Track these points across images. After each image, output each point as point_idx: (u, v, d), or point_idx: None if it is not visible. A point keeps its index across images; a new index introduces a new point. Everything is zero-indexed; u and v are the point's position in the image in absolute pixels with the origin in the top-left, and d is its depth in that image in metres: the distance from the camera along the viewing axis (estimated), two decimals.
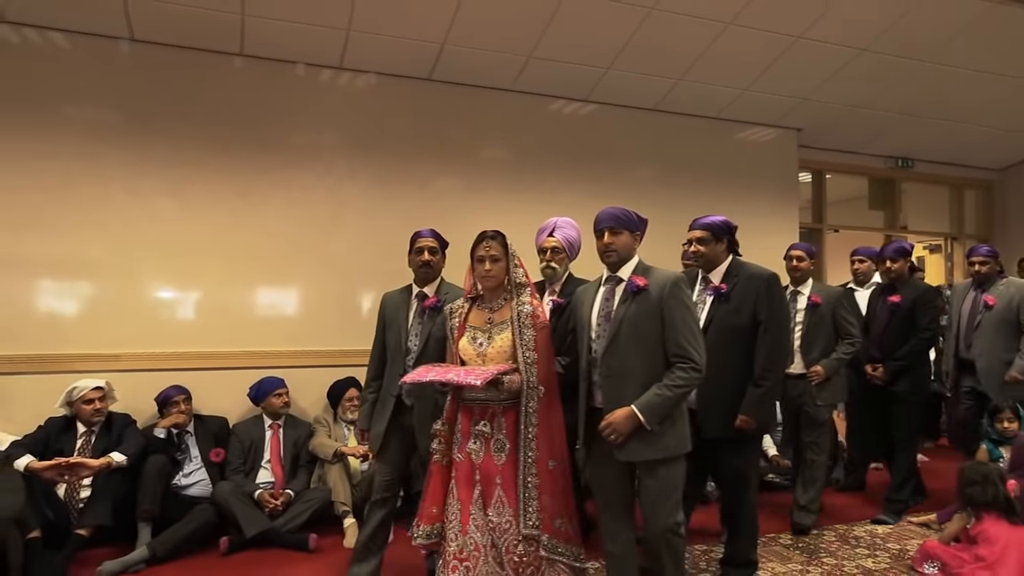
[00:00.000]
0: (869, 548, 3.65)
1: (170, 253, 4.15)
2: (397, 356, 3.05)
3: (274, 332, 4.35)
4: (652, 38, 4.54)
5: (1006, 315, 4.25)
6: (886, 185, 6.90)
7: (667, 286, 2.52)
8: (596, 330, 2.62)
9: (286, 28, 4.10)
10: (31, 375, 3.82)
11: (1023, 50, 5.07)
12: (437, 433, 2.64)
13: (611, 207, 2.67)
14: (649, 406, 2.42)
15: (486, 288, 2.69)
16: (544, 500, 2.50)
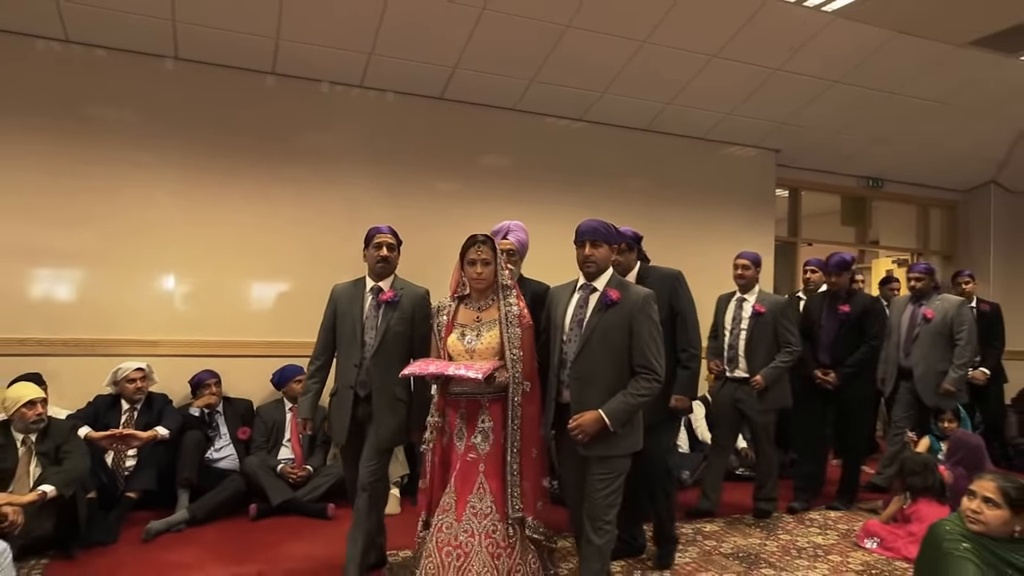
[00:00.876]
0: (821, 528, 4.15)
1: (204, 251, 4.59)
2: (352, 348, 3.08)
3: (295, 324, 4.76)
4: (644, 67, 5.02)
5: (941, 329, 4.69)
6: (858, 203, 7.42)
7: (638, 302, 2.74)
8: (568, 334, 2.81)
9: (315, 51, 4.55)
10: (80, 357, 4.26)
11: (980, 85, 5.59)
12: (433, 425, 2.82)
13: (593, 220, 2.86)
14: (615, 412, 2.66)
15: (475, 289, 2.84)
16: (526, 485, 2.73)
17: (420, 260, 3.91)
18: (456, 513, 2.68)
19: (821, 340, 4.50)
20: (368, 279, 3.19)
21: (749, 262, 4.29)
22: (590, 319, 2.76)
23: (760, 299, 4.28)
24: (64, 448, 3.36)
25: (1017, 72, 5.41)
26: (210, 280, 4.63)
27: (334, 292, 3.25)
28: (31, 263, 4.26)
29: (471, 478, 2.72)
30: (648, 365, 2.70)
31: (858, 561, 3.60)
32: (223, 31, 4.30)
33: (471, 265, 2.80)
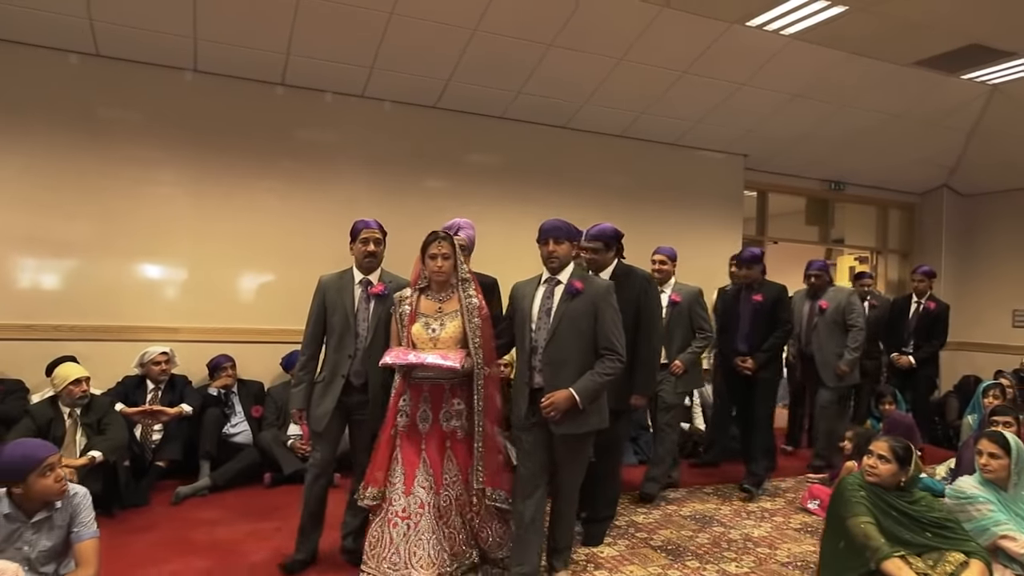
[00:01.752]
0: (771, 496, 4.69)
1: (220, 246, 5.04)
2: (346, 339, 3.16)
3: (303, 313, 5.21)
4: (621, 81, 5.50)
5: (835, 317, 5.15)
6: (821, 204, 7.97)
7: (600, 291, 3.01)
8: (537, 323, 3.02)
9: (321, 64, 4.99)
10: (108, 342, 4.69)
11: (926, 100, 6.13)
12: (402, 409, 2.95)
13: (555, 219, 3.08)
14: (585, 390, 2.89)
15: (436, 281, 3.00)
16: (489, 460, 2.96)
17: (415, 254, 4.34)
18: (434, 488, 2.90)
19: (738, 329, 4.74)
20: (356, 272, 3.27)
21: (666, 257, 4.66)
22: (557, 308, 2.99)
23: (676, 290, 4.59)
24: (105, 420, 3.83)
25: (958, 89, 5.97)
26: (225, 273, 5.09)
27: (321, 283, 3.30)
28: (64, 257, 4.70)
29: (439, 454, 2.94)
30: (611, 347, 2.98)
31: (798, 521, 4.15)
32: (240, 47, 4.74)
33: (432, 259, 2.97)
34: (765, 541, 3.78)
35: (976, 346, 7.77)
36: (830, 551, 2.81)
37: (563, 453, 3.03)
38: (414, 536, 2.84)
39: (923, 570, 2.52)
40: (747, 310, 4.73)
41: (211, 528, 3.70)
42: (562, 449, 3.02)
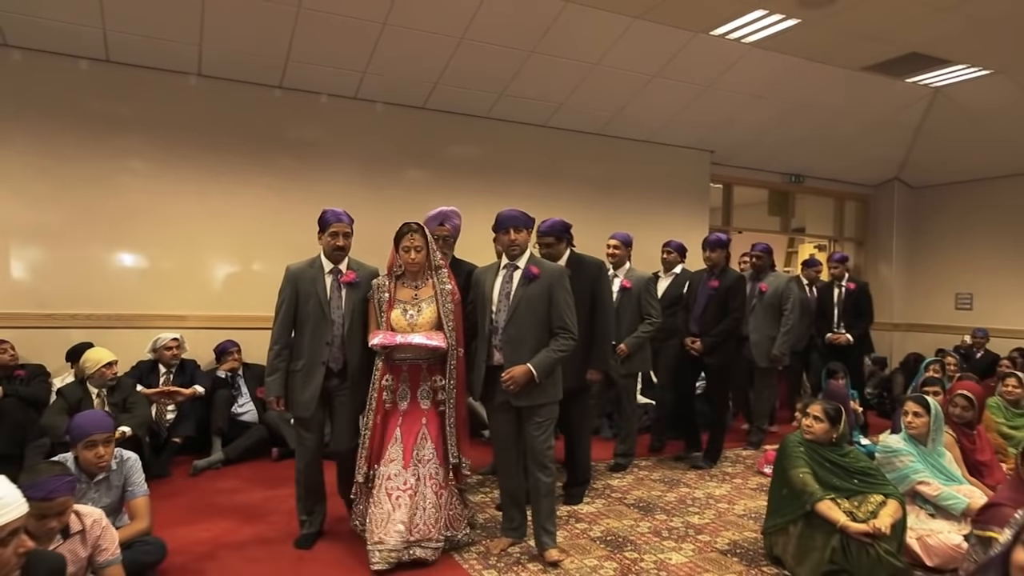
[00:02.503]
0: (732, 463, 5.20)
1: (224, 239, 5.40)
2: (321, 326, 3.25)
3: None
4: (597, 84, 5.95)
5: (772, 301, 5.40)
6: (782, 196, 8.52)
7: (555, 275, 3.22)
8: (497, 305, 3.22)
9: (318, 69, 5.35)
10: (120, 329, 5.04)
11: (875, 101, 6.67)
12: (387, 388, 3.13)
13: (513, 209, 3.29)
14: (541, 365, 3.10)
15: (410, 271, 3.19)
16: (460, 434, 3.21)
17: None
18: (403, 462, 3.09)
19: (693, 311, 4.91)
20: (325, 261, 3.36)
21: (619, 242, 4.84)
22: (516, 292, 3.20)
23: (627, 275, 4.74)
24: (130, 400, 4.20)
25: (904, 91, 6.51)
26: (229, 264, 5.45)
27: (291, 273, 3.36)
28: (79, 251, 5.02)
29: (415, 430, 3.14)
30: (565, 326, 3.20)
31: (755, 483, 4.66)
32: (242, 53, 5.08)
33: (405, 252, 3.14)
34: (725, 498, 4.29)
35: (923, 327, 8.41)
36: (775, 497, 3.31)
37: (530, 426, 3.20)
38: (415, 506, 3.05)
39: (849, 509, 3.03)
40: (703, 294, 4.88)
41: (231, 495, 4.10)
42: (529, 423, 3.20)
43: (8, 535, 1.70)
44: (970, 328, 7.54)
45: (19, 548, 1.73)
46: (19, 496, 1.75)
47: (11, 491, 1.74)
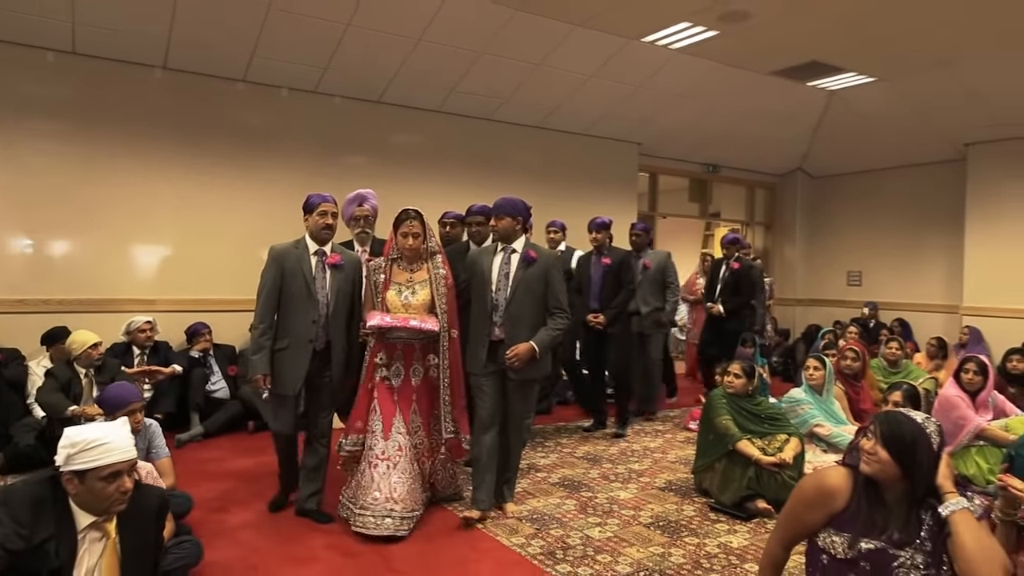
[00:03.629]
0: (662, 421, 5.94)
1: (192, 225, 5.63)
2: (307, 306, 3.31)
3: None
4: (538, 83, 6.48)
5: (656, 275, 5.79)
6: (701, 184, 9.35)
7: (550, 260, 3.52)
8: (496, 284, 3.44)
9: (281, 64, 5.64)
10: (92, 313, 5.21)
11: (782, 100, 7.51)
12: (380, 365, 3.33)
13: (503, 197, 3.52)
14: (542, 342, 3.39)
15: (407, 255, 3.35)
16: (456, 411, 3.45)
17: None
18: (384, 433, 3.27)
19: (591, 290, 5.21)
20: (310, 243, 3.41)
21: (558, 228, 5.62)
22: (515, 273, 3.44)
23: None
24: (117, 379, 4.44)
25: (805, 93, 7.39)
26: (197, 249, 5.69)
27: (275, 253, 3.38)
28: (51, 237, 5.17)
29: (405, 405, 3.34)
30: (560, 306, 3.47)
31: (683, 437, 5.39)
32: (209, 49, 5.31)
33: (404, 237, 3.30)
34: (659, 449, 4.99)
35: (821, 301, 9.49)
36: (703, 442, 4.00)
37: (518, 396, 3.50)
38: (395, 475, 3.21)
39: (761, 447, 3.75)
40: (597, 272, 5.23)
41: (219, 463, 4.46)
42: (517, 393, 3.49)
43: (111, 475, 1.95)
44: (860, 302, 8.62)
45: (121, 488, 1.98)
46: (128, 443, 2.03)
47: (120, 437, 2.02)
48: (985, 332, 7.20)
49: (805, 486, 2.15)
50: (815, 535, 2.06)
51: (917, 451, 1.91)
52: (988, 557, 1.81)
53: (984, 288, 7.57)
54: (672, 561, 3.03)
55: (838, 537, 1.99)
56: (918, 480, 1.93)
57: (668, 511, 3.67)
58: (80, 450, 1.93)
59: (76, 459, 1.93)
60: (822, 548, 2.03)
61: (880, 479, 1.96)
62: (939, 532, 1.90)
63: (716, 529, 3.43)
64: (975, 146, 7.71)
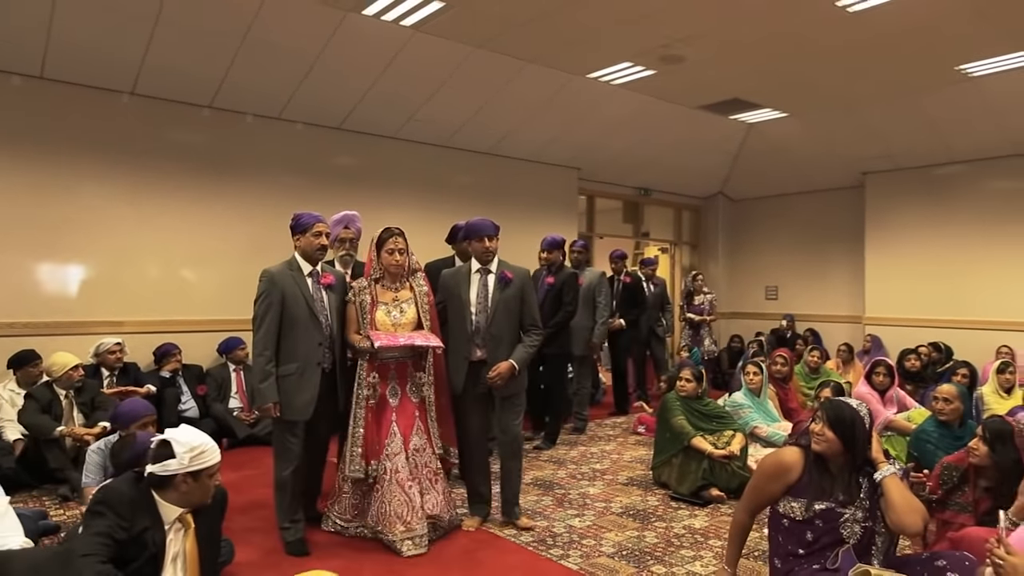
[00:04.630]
0: (612, 427, 6.44)
1: (157, 249, 5.72)
2: (311, 328, 3.27)
3: (233, 304, 6.05)
4: (492, 113, 6.94)
5: (587, 294, 5.86)
6: (633, 206, 10.04)
7: (524, 278, 3.59)
8: (476, 307, 3.51)
9: (249, 91, 5.83)
10: (60, 336, 5.21)
11: (708, 132, 8.28)
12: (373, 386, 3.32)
13: (486, 219, 3.58)
14: (521, 359, 3.50)
15: (391, 273, 3.35)
16: (444, 424, 3.50)
17: None
18: (405, 453, 3.34)
19: None
20: (302, 263, 3.36)
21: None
22: (493, 295, 3.54)
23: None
24: (98, 399, 4.54)
25: (727, 126, 8.18)
26: (163, 272, 5.77)
27: (273, 277, 3.28)
28: (15, 261, 5.15)
29: (410, 423, 3.38)
30: (535, 323, 3.60)
31: (633, 440, 5.90)
32: (180, 75, 5.45)
33: (390, 254, 3.31)
34: (615, 451, 5.47)
35: (742, 314, 10.33)
36: (660, 441, 4.51)
37: (505, 409, 3.58)
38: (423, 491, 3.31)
39: (712, 441, 4.28)
40: (541, 290, 5.31)
41: None
42: (505, 406, 3.58)
43: (215, 472, 2.38)
44: (778, 314, 9.49)
45: (216, 482, 2.44)
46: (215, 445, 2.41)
47: (210, 440, 2.38)
48: (884, 339, 8.13)
49: (766, 464, 2.66)
50: (776, 503, 2.57)
51: (856, 430, 2.45)
52: (912, 509, 2.36)
53: (883, 300, 8.55)
54: (647, 542, 3.49)
55: (796, 503, 2.49)
56: (857, 453, 2.46)
57: (635, 502, 4.14)
58: (198, 453, 2.23)
59: (196, 461, 2.22)
60: (782, 513, 2.54)
61: (827, 454, 2.49)
62: (874, 492, 2.44)
63: (679, 515, 3.92)
64: (871, 175, 8.72)
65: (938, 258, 8.11)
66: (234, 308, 6.06)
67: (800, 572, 2.48)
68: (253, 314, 3.30)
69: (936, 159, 8.06)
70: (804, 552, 2.49)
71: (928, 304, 8.13)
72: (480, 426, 3.63)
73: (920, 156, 8.09)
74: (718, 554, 3.29)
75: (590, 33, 5.54)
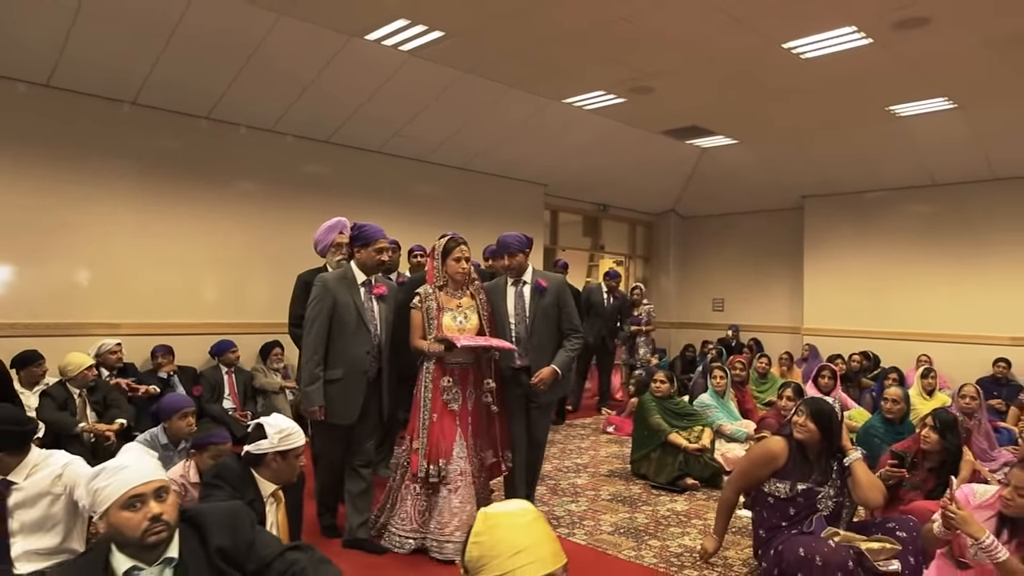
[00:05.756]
0: (583, 427, 6.94)
1: (155, 254, 5.88)
2: (360, 336, 3.35)
3: (226, 308, 6.28)
4: (472, 132, 7.37)
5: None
6: (592, 220, 10.64)
7: (559, 285, 3.68)
8: (515, 318, 3.60)
9: (246, 104, 6.07)
10: (59, 337, 5.31)
11: (666, 155, 8.94)
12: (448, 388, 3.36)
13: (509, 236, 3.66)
14: (563, 364, 3.59)
15: (457, 281, 3.40)
16: (502, 429, 3.57)
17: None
18: (467, 458, 3.38)
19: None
20: (357, 273, 3.45)
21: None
22: (531, 305, 3.63)
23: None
24: (110, 397, 4.72)
25: (683, 149, 8.87)
26: (158, 276, 5.92)
27: (327, 284, 3.35)
28: (17, 264, 5.25)
29: (477, 428, 3.45)
30: (574, 327, 3.67)
31: (605, 438, 6.42)
32: (183, 87, 5.66)
33: (457, 262, 3.38)
34: (591, 448, 5.97)
35: (691, 324, 11.06)
36: (638, 438, 5.02)
37: (539, 416, 3.74)
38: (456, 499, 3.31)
39: (685, 436, 4.83)
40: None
41: None
42: (538, 413, 3.73)
43: (300, 453, 2.64)
44: (724, 324, 10.25)
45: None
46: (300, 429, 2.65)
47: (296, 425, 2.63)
48: (820, 348, 8.95)
49: (756, 452, 3.19)
50: (762, 485, 3.10)
51: (832, 422, 3.00)
52: (875, 487, 2.93)
53: (819, 312, 9.41)
54: (639, 522, 3.99)
55: (781, 484, 3.03)
56: (832, 441, 3.02)
57: (620, 491, 4.64)
58: (286, 435, 2.56)
59: (284, 441, 2.56)
60: (768, 493, 3.07)
61: (807, 442, 3.04)
62: (843, 474, 3.00)
63: (661, 500, 4.44)
64: (810, 198, 9.59)
65: (867, 274, 9.01)
66: (227, 312, 6.30)
67: (781, 537, 3.01)
68: (304, 318, 3.45)
69: (866, 186, 8.97)
70: (786, 524, 3.03)
71: (858, 316, 9.02)
72: (522, 431, 3.69)
73: (852, 183, 8.99)
74: (702, 530, 3.82)
75: (573, 64, 6.06)
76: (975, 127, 7.19)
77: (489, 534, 1.42)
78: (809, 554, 2.81)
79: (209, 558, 1.81)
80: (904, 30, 5.13)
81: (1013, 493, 2.42)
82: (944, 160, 7.99)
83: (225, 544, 1.83)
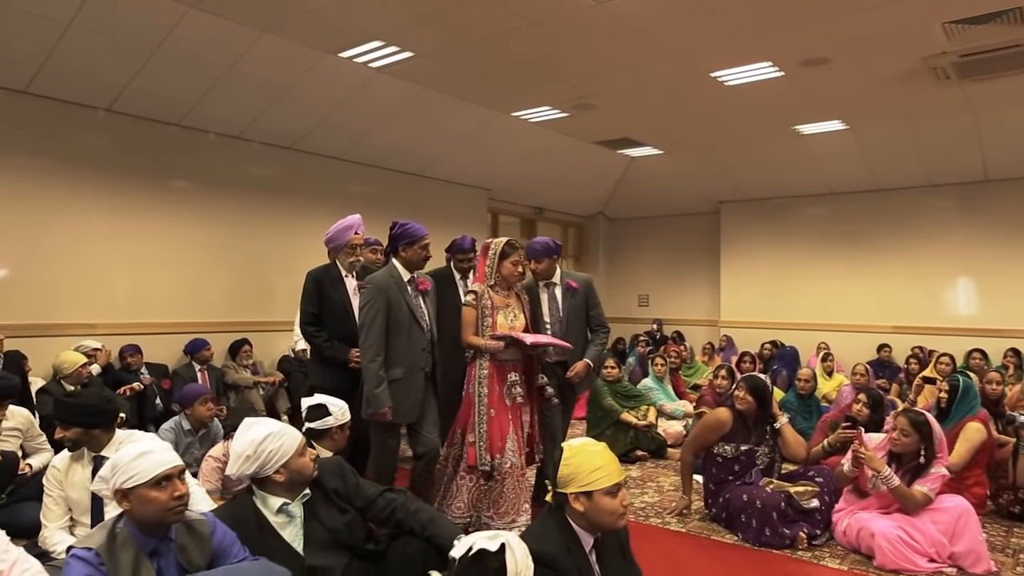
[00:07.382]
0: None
1: (129, 256, 6.05)
2: (415, 333, 3.40)
3: (197, 308, 6.51)
4: (430, 142, 7.86)
5: None
6: (529, 223, 11.32)
7: (587, 284, 3.89)
8: (550, 318, 3.79)
9: (217, 113, 6.33)
10: (38, 337, 5.44)
11: (597, 163, 9.73)
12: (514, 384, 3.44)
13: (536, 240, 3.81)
14: (594, 358, 3.86)
15: (509, 282, 3.50)
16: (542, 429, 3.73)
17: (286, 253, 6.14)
18: (518, 451, 3.48)
19: None
20: (402, 271, 3.48)
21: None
22: (563, 305, 3.84)
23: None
24: (103, 393, 4.95)
25: (613, 158, 9.69)
26: (133, 277, 6.11)
27: (378, 285, 3.37)
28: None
29: (530, 420, 3.63)
30: (602, 323, 3.92)
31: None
32: (158, 96, 5.87)
33: (515, 265, 3.50)
34: None
35: (619, 319, 11.92)
36: (592, 418, 5.72)
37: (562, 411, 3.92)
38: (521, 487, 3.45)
39: (633, 415, 5.57)
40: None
41: None
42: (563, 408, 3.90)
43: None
44: (649, 319, 11.18)
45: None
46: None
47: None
48: (735, 338, 10.00)
49: (708, 420, 3.93)
50: (712, 447, 3.84)
51: (765, 393, 3.77)
52: (799, 444, 3.73)
53: (734, 306, 10.48)
54: None
55: (728, 446, 3.78)
56: (765, 410, 3.79)
57: None
58: (344, 411, 3.09)
59: (343, 416, 3.07)
60: (717, 454, 3.82)
61: (747, 412, 3.80)
62: (775, 435, 3.78)
63: None
64: (725, 203, 10.65)
65: (774, 272, 10.14)
66: (196, 311, 6.54)
67: (728, 488, 3.76)
68: (360, 322, 3.48)
69: (774, 193, 10.10)
70: (732, 477, 3.78)
71: (768, 309, 10.14)
72: (558, 423, 3.89)
73: (762, 190, 10.10)
74: (657, 489, 4.55)
75: (527, 84, 6.68)
76: (863, 145, 8.36)
77: (575, 458, 2.05)
78: (750, 499, 3.57)
79: (327, 496, 2.36)
80: (809, 67, 6.06)
81: (899, 435, 3.25)
82: (838, 172, 9.18)
83: (337, 486, 2.38)
